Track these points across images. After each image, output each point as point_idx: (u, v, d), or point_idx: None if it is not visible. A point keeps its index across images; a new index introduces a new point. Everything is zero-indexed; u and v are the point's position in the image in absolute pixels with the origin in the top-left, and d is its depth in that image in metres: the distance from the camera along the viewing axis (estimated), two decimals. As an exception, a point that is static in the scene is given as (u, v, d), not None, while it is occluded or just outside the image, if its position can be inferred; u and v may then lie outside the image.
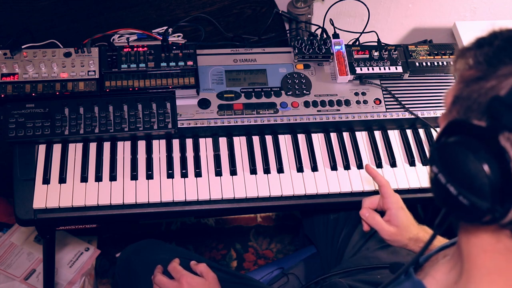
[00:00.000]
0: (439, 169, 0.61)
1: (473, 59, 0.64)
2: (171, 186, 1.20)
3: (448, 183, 0.60)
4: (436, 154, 0.62)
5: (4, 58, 1.23)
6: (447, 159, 0.61)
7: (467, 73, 0.64)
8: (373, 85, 1.36)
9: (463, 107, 0.62)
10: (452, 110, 0.65)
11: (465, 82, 0.63)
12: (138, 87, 1.25)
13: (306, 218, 1.49)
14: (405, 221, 1.04)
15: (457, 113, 0.63)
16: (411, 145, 1.34)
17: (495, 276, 0.65)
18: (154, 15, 1.46)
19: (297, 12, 1.55)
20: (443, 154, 0.61)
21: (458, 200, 0.59)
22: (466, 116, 0.61)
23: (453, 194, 0.60)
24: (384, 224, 1.05)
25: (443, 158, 0.61)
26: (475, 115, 0.60)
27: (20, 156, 1.19)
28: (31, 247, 1.71)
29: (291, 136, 1.31)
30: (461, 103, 0.63)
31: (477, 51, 0.63)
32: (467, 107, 0.61)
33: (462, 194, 0.59)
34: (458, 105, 0.63)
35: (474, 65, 0.63)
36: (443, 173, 0.61)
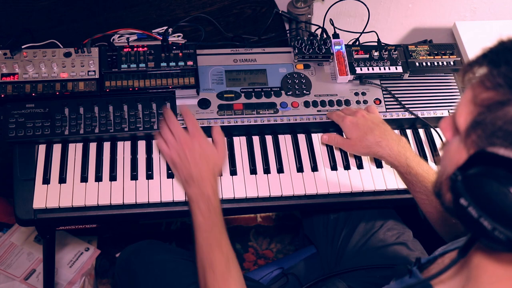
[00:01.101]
0: (470, 202, 0.58)
1: (489, 78, 0.60)
2: (171, 186, 1.20)
3: (481, 217, 0.58)
4: (462, 185, 0.59)
5: (4, 58, 1.23)
6: (478, 192, 0.58)
7: (486, 95, 0.60)
8: (373, 85, 1.36)
9: (486, 133, 0.59)
10: (471, 134, 0.61)
11: (485, 106, 0.60)
12: (138, 87, 1.25)
13: (306, 218, 1.49)
14: (356, 133, 1.19)
15: (478, 138, 0.60)
16: (411, 145, 1.34)
17: (504, 283, 0.64)
18: (154, 15, 1.46)
19: (297, 12, 1.55)
20: (473, 186, 0.59)
21: (493, 234, 0.57)
22: (489, 142, 0.58)
23: (488, 228, 0.57)
24: (340, 137, 1.25)
25: (473, 190, 0.58)
26: (501, 142, 0.57)
27: (20, 156, 1.19)
28: (31, 247, 1.71)
29: (291, 136, 1.31)
30: (484, 129, 0.59)
31: (494, 71, 0.60)
32: (491, 134, 0.58)
33: (498, 229, 0.57)
34: (479, 130, 0.60)
35: (493, 87, 0.59)
36: (475, 207, 0.58)
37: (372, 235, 1.31)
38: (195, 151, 1.09)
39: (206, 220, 1.03)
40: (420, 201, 1.11)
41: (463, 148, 0.63)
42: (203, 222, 1.03)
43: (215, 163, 1.11)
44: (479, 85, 0.62)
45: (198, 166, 1.07)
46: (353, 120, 1.20)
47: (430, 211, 1.09)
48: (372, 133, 1.17)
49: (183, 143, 1.10)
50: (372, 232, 1.31)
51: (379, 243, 1.29)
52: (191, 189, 1.07)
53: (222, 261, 0.97)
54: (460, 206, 0.60)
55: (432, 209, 1.08)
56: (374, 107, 1.29)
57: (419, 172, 1.10)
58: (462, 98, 0.66)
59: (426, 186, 1.09)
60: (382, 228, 1.32)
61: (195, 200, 1.05)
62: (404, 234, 1.32)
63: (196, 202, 1.05)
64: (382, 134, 1.17)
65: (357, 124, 1.19)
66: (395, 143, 1.15)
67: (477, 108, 0.61)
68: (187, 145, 1.09)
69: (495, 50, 0.62)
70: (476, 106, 0.61)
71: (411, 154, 1.14)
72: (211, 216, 1.03)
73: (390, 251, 1.27)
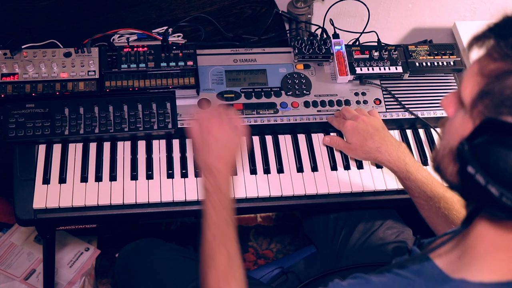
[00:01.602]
0: (477, 170, 0.59)
1: (497, 50, 0.61)
2: (171, 186, 1.20)
3: (489, 184, 0.59)
4: (469, 154, 0.60)
5: (4, 58, 1.23)
6: (486, 159, 0.59)
7: (493, 65, 0.61)
8: (373, 85, 1.36)
9: (494, 103, 0.60)
10: (478, 104, 0.62)
11: (494, 76, 0.61)
12: (138, 87, 1.25)
13: (306, 218, 1.49)
14: (356, 139, 1.20)
15: (485, 108, 0.61)
16: (411, 145, 1.34)
17: (501, 253, 0.66)
18: (154, 15, 1.46)
19: (297, 12, 1.54)
20: (480, 154, 0.60)
21: (500, 200, 0.58)
22: (496, 111, 0.60)
23: (495, 195, 0.58)
24: (341, 140, 1.26)
25: (480, 158, 0.59)
26: (509, 111, 0.58)
27: (20, 156, 1.19)
28: (31, 247, 1.71)
29: (291, 136, 1.31)
30: (491, 98, 0.61)
31: (501, 42, 0.61)
32: (499, 103, 0.60)
33: (505, 195, 0.58)
34: (487, 100, 0.61)
35: (501, 57, 0.61)
36: (482, 174, 0.59)
37: (371, 234, 1.31)
38: (220, 141, 1.04)
39: (216, 213, 1.02)
40: (419, 206, 1.12)
41: (469, 120, 0.65)
42: (213, 214, 1.02)
43: (234, 152, 1.07)
44: (486, 58, 0.63)
45: (218, 159, 1.04)
46: (353, 124, 1.20)
47: (429, 216, 1.10)
48: (372, 139, 1.17)
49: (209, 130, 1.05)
50: (371, 231, 1.31)
51: (378, 241, 1.29)
52: (208, 180, 1.04)
53: (225, 256, 0.97)
54: (467, 174, 0.61)
55: (431, 214, 1.09)
56: (375, 111, 1.29)
57: (418, 178, 1.11)
58: (467, 72, 0.67)
59: (425, 192, 1.09)
60: (381, 227, 1.32)
61: (210, 191, 1.03)
62: (403, 232, 1.32)
63: (210, 194, 1.03)
64: (382, 140, 1.17)
65: (357, 129, 1.19)
66: (395, 148, 1.16)
67: (484, 79, 0.62)
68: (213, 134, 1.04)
69: (501, 24, 0.63)
70: (483, 77, 0.63)
71: (411, 160, 1.15)
72: (221, 210, 1.02)
73: (389, 250, 1.27)
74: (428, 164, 1.30)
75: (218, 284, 0.92)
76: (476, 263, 0.68)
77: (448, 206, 1.06)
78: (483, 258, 0.67)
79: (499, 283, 0.65)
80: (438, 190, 1.09)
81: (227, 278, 0.93)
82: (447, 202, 1.06)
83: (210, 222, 0.99)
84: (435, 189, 1.09)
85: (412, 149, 1.33)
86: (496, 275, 0.66)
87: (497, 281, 0.66)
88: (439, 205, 1.07)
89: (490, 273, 0.66)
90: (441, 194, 1.08)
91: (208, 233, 0.98)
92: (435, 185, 1.10)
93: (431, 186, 1.09)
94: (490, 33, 0.63)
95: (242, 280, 0.95)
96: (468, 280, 0.66)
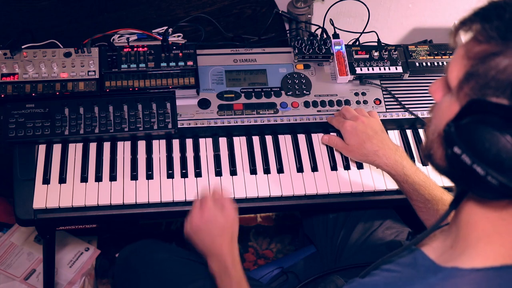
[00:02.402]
0: (463, 150, 0.60)
1: (482, 33, 0.62)
2: (171, 186, 1.20)
3: (474, 163, 0.59)
4: (456, 134, 0.61)
5: (4, 58, 1.23)
6: (472, 139, 0.59)
7: (478, 48, 0.62)
8: (373, 85, 1.36)
9: (479, 84, 0.61)
10: (464, 86, 0.63)
11: (478, 58, 0.62)
12: (138, 87, 1.25)
13: (306, 218, 1.49)
14: (355, 140, 1.19)
15: (471, 90, 0.62)
16: (411, 145, 1.34)
17: (493, 238, 0.67)
18: (154, 15, 1.46)
19: (297, 12, 1.54)
20: (466, 134, 0.60)
21: (485, 180, 0.59)
22: (482, 93, 0.60)
23: (481, 174, 0.59)
24: (340, 140, 1.24)
25: (466, 138, 0.60)
26: (493, 92, 0.59)
27: (20, 156, 1.19)
28: (31, 247, 1.71)
29: (291, 136, 1.31)
30: (477, 80, 0.61)
31: (486, 25, 0.62)
32: (484, 84, 0.60)
33: (490, 174, 0.58)
34: (472, 82, 0.62)
35: (486, 39, 0.61)
36: (467, 154, 0.60)
37: (371, 233, 1.31)
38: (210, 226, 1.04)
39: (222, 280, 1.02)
40: (417, 208, 1.12)
41: (455, 102, 0.66)
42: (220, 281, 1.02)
43: (231, 231, 1.06)
44: (472, 41, 0.64)
45: (214, 243, 1.04)
46: (353, 125, 1.20)
47: (428, 219, 1.10)
48: (370, 142, 1.18)
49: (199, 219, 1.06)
50: (371, 231, 1.31)
51: (377, 241, 1.29)
52: (212, 263, 1.05)
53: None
54: (453, 155, 0.61)
55: (429, 217, 1.09)
56: (375, 112, 1.28)
57: (416, 181, 1.11)
58: (453, 56, 0.68)
59: (423, 195, 1.10)
60: (380, 227, 1.32)
61: (217, 274, 1.04)
62: (403, 232, 1.32)
63: (220, 276, 1.03)
64: (380, 143, 1.17)
65: (356, 130, 1.19)
66: (392, 152, 1.16)
67: (470, 62, 0.64)
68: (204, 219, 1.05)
69: (486, 8, 0.64)
70: (469, 60, 0.64)
71: (408, 163, 1.15)
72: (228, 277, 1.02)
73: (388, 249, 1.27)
74: (427, 164, 1.30)
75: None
76: (468, 250, 0.68)
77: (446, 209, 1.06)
78: (475, 245, 0.68)
79: (492, 267, 0.66)
80: (436, 192, 1.09)
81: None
82: (445, 205, 1.06)
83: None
84: (433, 191, 1.09)
85: (412, 149, 1.33)
86: (488, 260, 0.67)
87: (490, 266, 0.66)
88: (437, 208, 1.07)
89: (482, 259, 0.67)
90: (439, 196, 1.08)
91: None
92: (433, 187, 1.10)
93: (428, 189, 1.09)
94: (475, 17, 0.64)
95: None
96: (460, 267, 0.67)
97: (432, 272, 0.69)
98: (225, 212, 1.05)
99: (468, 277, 0.66)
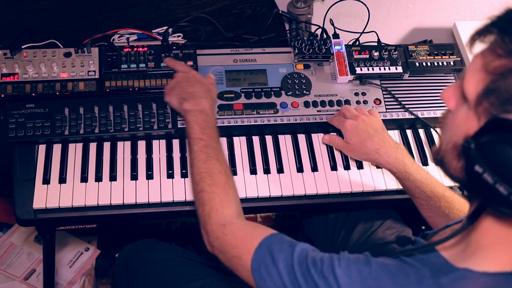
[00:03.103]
0: (485, 169, 0.59)
1: (501, 46, 0.61)
2: (171, 186, 1.20)
3: (497, 183, 0.58)
4: (477, 153, 0.60)
5: (4, 58, 1.23)
6: (493, 158, 0.59)
7: (498, 62, 0.61)
8: (373, 85, 1.36)
9: (500, 101, 0.60)
10: (483, 102, 0.62)
11: (499, 74, 0.60)
12: (138, 87, 1.25)
13: (306, 218, 1.49)
14: (355, 139, 1.20)
15: (491, 105, 0.61)
16: (411, 145, 1.34)
17: (505, 246, 0.66)
18: (154, 15, 1.46)
19: (297, 12, 1.54)
20: (487, 153, 0.59)
21: (508, 199, 0.58)
22: (503, 109, 0.59)
23: (503, 193, 0.58)
24: (340, 140, 1.25)
25: (488, 157, 0.59)
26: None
27: (20, 156, 1.19)
28: (31, 247, 1.71)
29: (291, 136, 1.31)
30: (497, 96, 0.60)
31: (506, 38, 0.60)
32: (505, 101, 0.59)
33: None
34: (492, 98, 0.61)
35: (506, 54, 0.60)
36: (490, 173, 0.59)
37: (371, 233, 1.31)
38: (189, 78, 1.19)
39: (203, 131, 1.06)
40: (420, 206, 1.12)
41: (473, 116, 0.64)
42: (200, 132, 1.06)
43: (209, 88, 1.20)
44: (490, 53, 0.62)
45: (194, 87, 1.16)
46: (353, 124, 1.20)
47: (430, 216, 1.10)
48: (371, 140, 1.17)
49: (177, 75, 1.21)
50: (371, 231, 1.31)
51: (378, 241, 1.29)
52: (187, 103, 1.12)
53: (221, 172, 0.99)
54: (474, 172, 0.60)
55: (432, 214, 1.09)
56: (375, 110, 1.29)
57: (418, 178, 1.11)
58: (470, 66, 0.66)
59: (425, 192, 1.10)
60: (381, 227, 1.32)
61: (191, 112, 1.10)
62: (403, 232, 1.32)
63: (192, 114, 1.09)
64: (381, 141, 1.17)
65: (357, 129, 1.19)
66: (393, 150, 1.16)
67: (489, 76, 0.62)
68: (182, 76, 1.20)
69: (504, 18, 0.62)
70: (488, 74, 0.62)
71: (409, 161, 1.15)
72: (208, 129, 1.07)
73: (389, 249, 1.27)
74: (428, 164, 1.30)
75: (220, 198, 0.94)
76: (480, 253, 0.68)
77: (448, 205, 1.06)
78: (487, 250, 0.67)
79: (503, 273, 0.66)
80: (437, 189, 1.09)
81: (225, 189, 0.96)
82: (447, 201, 1.06)
83: (200, 140, 1.04)
84: (434, 188, 1.09)
85: (412, 149, 1.33)
86: (500, 265, 0.66)
87: (501, 271, 0.66)
88: (440, 205, 1.07)
89: (494, 263, 0.66)
90: (441, 193, 1.08)
91: (198, 151, 1.02)
92: (435, 184, 1.10)
93: (430, 186, 1.10)
94: (493, 28, 0.62)
95: (236, 193, 0.99)
96: (472, 269, 0.67)
97: (445, 271, 0.69)
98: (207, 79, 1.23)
99: (479, 280, 0.66)
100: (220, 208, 0.93)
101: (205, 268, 1.22)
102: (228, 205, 0.94)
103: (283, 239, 0.82)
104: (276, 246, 0.79)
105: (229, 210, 0.93)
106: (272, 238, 0.82)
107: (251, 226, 0.90)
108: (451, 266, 0.69)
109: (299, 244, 0.80)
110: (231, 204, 0.94)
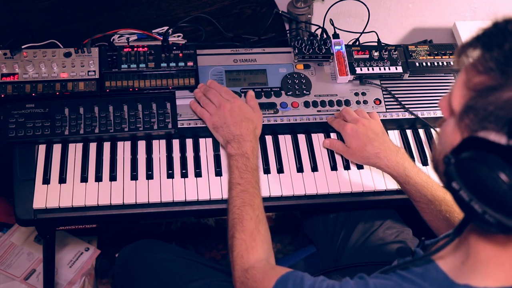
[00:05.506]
0: (461, 186, 0.59)
1: (481, 62, 0.60)
2: (171, 186, 1.20)
3: (472, 201, 0.59)
4: (455, 169, 0.60)
5: (4, 58, 1.23)
6: (469, 176, 0.59)
7: (478, 79, 0.61)
8: (373, 85, 1.36)
9: (478, 118, 0.60)
10: (464, 118, 0.62)
11: (478, 91, 0.60)
12: (138, 87, 1.25)
13: (306, 218, 1.49)
14: (356, 143, 1.20)
15: (471, 122, 0.61)
16: (411, 145, 1.34)
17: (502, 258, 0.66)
18: (154, 15, 1.46)
19: (297, 12, 1.54)
20: (464, 171, 0.59)
21: (483, 217, 0.58)
22: (481, 126, 0.59)
23: (478, 211, 0.58)
24: (341, 144, 1.25)
25: (464, 174, 0.59)
26: (493, 127, 0.58)
27: (20, 156, 1.19)
28: (31, 247, 1.71)
29: (291, 136, 1.31)
30: (476, 113, 0.60)
31: (486, 54, 0.60)
32: (483, 118, 0.59)
33: (488, 213, 0.58)
34: (471, 115, 0.61)
35: (485, 71, 0.60)
36: (466, 191, 0.59)
37: (371, 234, 1.31)
38: (235, 114, 1.17)
39: (242, 175, 1.08)
40: (420, 209, 1.12)
41: (457, 130, 0.65)
42: (239, 177, 1.08)
43: (255, 124, 1.19)
44: (472, 69, 0.62)
45: (239, 127, 1.15)
46: (353, 128, 1.20)
47: (431, 219, 1.10)
48: (372, 144, 1.18)
49: (223, 108, 1.18)
50: (371, 231, 1.31)
51: (378, 241, 1.29)
52: (232, 147, 1.13)
53: (253, 218, 1.02)
54: (452, 189, 0.61)
55: (433, 217, 1.09)
56: (375, 113, 1.28)
57: (418, 182, 1.11)
58: (457, 79, 0.67)
59: (425, 196, 1.10)
60: (381, 227, 1.32)
61: (233, 156, 1.11)
62: (403, 232, 1.32)
63: (234, 159, 1.11)
64: (381, 145, 1.18)
65: (357, 133, 1.19)
66: (393, 154, 1.16)
67: (469, 93, 0.62)
68: (227, 109, 1.17)
69: (488, 33, 0.62)
70: (468, 90, 0.62)
71: (410, 164, 1.15)
72: (248, 173, 1.09)
73: (389, 249, 1.27)
74: (428, 164, 1.30)
75: (246, 245, 0.98)
76: (479, 268, 0.68)
77: (449, 209, 1.06)
78: (486, 265, 0.67)
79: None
80: (438, 193, 1.09)
81: (254, 236, 0.99)
82: (448, 205, 1.06)
83: (237, 186, 1.06)
84: (435, 192, 1.09)
85: (412, 149, 1.33)
86: (500, 281, 0.66)
87: (502, 287, 0.66)
88: (440, 208, 1.07)
89: (493, 279, 0.66)
90: (442, 197, 1.08)
91: (235, 196, 1.05)
92: (435, 188, 1.10)
93: (431, 189, 1.09)
94: (477, 42, 0.62)
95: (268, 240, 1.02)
96: (473, 286, 0.66)
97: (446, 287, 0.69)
98: (254, 110, 1.21)
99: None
100: (245, 255, 0.98)
101: (205, 268, 1.22)
102: (253, 251, 0.98)
103: (297, 276, 0.86)
104: (290, 283, 0.84)
105: (254, 255, 0.98)
106: (287, 276, 0.87)
107: (269, 267, 0.94)
108: (452, 282, 0.69)
109: (311, 278, 0.85)
110: (256, 250, 0.99)
